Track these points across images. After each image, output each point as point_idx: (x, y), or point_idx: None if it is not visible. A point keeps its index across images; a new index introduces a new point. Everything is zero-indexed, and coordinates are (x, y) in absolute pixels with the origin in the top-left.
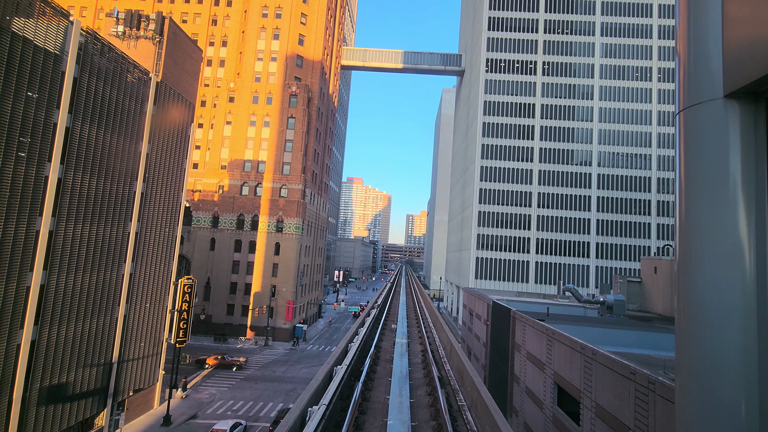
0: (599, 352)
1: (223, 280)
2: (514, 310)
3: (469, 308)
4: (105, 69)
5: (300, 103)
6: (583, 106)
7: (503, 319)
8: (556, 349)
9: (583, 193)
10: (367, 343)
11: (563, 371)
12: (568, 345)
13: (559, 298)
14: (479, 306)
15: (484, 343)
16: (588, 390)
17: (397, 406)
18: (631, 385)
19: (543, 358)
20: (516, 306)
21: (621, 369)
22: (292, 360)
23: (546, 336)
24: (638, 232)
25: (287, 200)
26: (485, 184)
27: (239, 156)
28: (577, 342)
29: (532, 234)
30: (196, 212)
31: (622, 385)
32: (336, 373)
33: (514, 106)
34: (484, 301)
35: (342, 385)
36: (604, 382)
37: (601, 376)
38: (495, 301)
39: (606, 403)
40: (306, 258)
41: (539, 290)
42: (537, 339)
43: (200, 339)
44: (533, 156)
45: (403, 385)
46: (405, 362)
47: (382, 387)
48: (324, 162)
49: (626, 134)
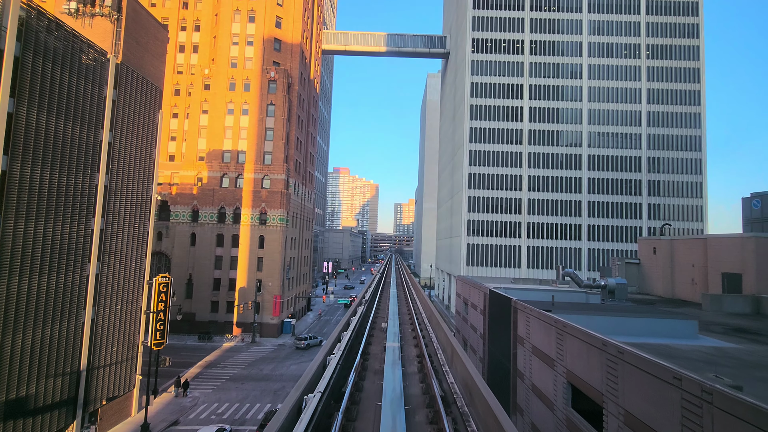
0: (627, 351)
1: (205, 276)
2: (515, 299)
3: (464, 297)
4: (54, 48)
5: (279, 89)
6: (572, 86)
7: (503, 310)
8: (569, 344)
9: (574, 174)
10: (353, 349)
11: (579, 370)
12: (584, 340)
13: (559, 283)
14: (475, 295)
15: (481, 335)
16: (613, 393)
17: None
18: (676, 394)
19: (552, 353)
20: (515, 294)
21: (660, 372)
22: (280, 356)
23: (555, 329)
24: (629, 213)
25: (270, 191)
26: (474, 169)
27: (217, 146)
28: (596, 337)
29: (523, 218)
30: (174, 207)
31: (662, 392)
32: (307, 405)
33: (502, 87)
34: (480, 290)
35: (316, 420)
36: (635, 386)
37: (632, 379)
38: (492, 289)
39: (639, 411)
40: (292, 250)
41: (532, 275)
42: (544, 332)
43: (183, 338)
44: (522, 138)
45: (397, 412)
46: (398, 375)
47: (370, 414)
48: (307, 151)
49: (616, 113)
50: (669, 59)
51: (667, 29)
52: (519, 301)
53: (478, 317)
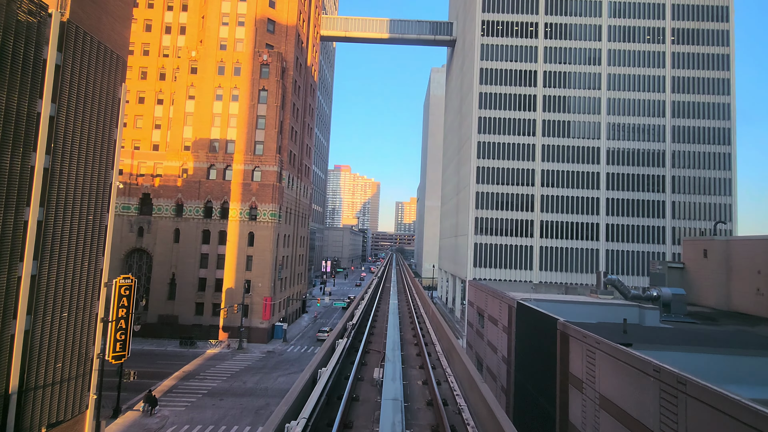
0: None
1: (189, 275)
2: (563, 321)
3: (478, 307)
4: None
5: (273, 73)
6: (590, 73)
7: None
8: (696, 415)
9: (591, 169)
10: (328, 413)
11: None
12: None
13: (600, 293)
14: (494, 306)
15: (504, 358)
16: None
17: None
18: None
19: (650, 421)
20: (552, 309)
21: None
22: (268, 366)
23: (659, 384)
24: (652, 211)
25: (261, 184)
26: (483, 162)
27: (204, 135)
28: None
29: (535, 216)
30: (156, 200)
31: None
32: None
33: (514, 74)
34: (502, 301)
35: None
36: None
37: None
38: (521, 302)
39: None
40: (285, 248)
41: (545, 278)
42: (631, 382)
43: (164, 344)
44: (535, 129)
45: None
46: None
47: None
48: (303, 142)
49: (637, 103)
50: (696, 44)
51: (694, 12)
52: (571, 325)
53: (500, 335)
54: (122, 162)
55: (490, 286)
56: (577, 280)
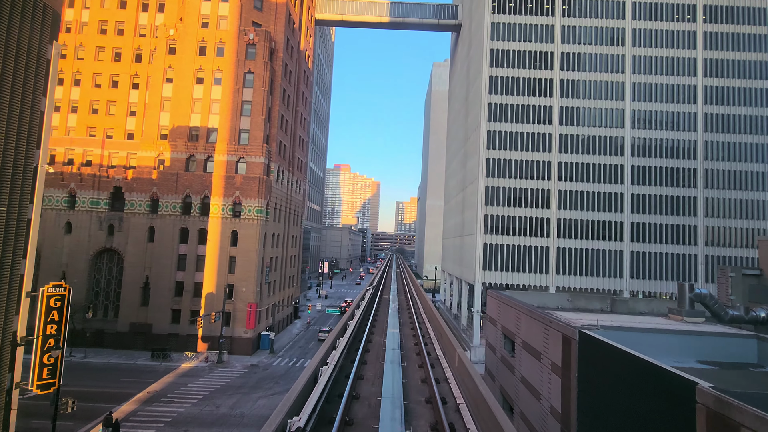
0: None
1: (165, 279)
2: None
3: (504, 327)
4: None
5: (260, 54)
6: (613, 54)
7: (649, 396)
8: None
9: (614, 161)
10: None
11: None
12: None
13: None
14: (535, 332)
15: (554, 412)
16: None
17: None
18: None
19: None
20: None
21: None
22: (248, 384)
23: None
24: (682, 209)
25: (246, 177)
26: (493, 153)
27: (183, 122)
28: None
29: (552, 213)
30: (129, 194)
31: None
32: None
33: (528, 56)
34: (550, 328)
35: None
36: None
37: None
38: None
39: None
40: (274, 249)
41: (562, 283)
42: None
43: (134, 356)
44: (552, 117)
45: None
46: None
47: None
48: (296, 133)
49: (666, 88)
50: (731, 23)
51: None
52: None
53: (546, 376)
54: (91, 152)
55: (525, 301)
56: (599, 285)
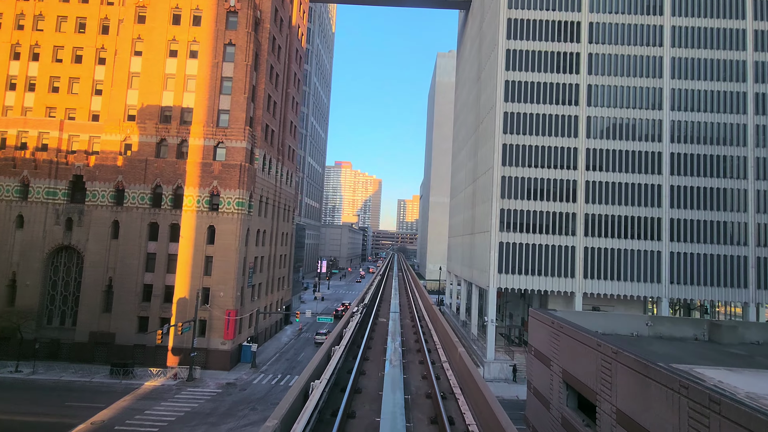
0: None
1: (131, 282)
2: None
3: (567, 372)
4: None
5: (243, 23)
6: (649, 25)
7: None
8: None
9: (651, 148)
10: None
11: None
12: None
13: None
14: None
15: None
16: None
17: None
18: None
19: None
20: None
21: None
22: (219, 410)
23: None
24: (729, 203)
25: (225, 164)
26: (511, 138)
27: (154, 101)
28: None
29: (578, 207)
30: (91, 183)
31: None
32: None
33: (551, 26)
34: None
35: None
36: None
37: None
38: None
39: None
40: (260, 247)
41: (591, 288)
42: None
43: (92, 372)
44: (579, 96)
45: None
46: None
47: None
48: (286, 117)
49: (710, 64)
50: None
51: None
52: None
53: None
54: (47, 135)
55: (578, 324)
56: (632, 292)
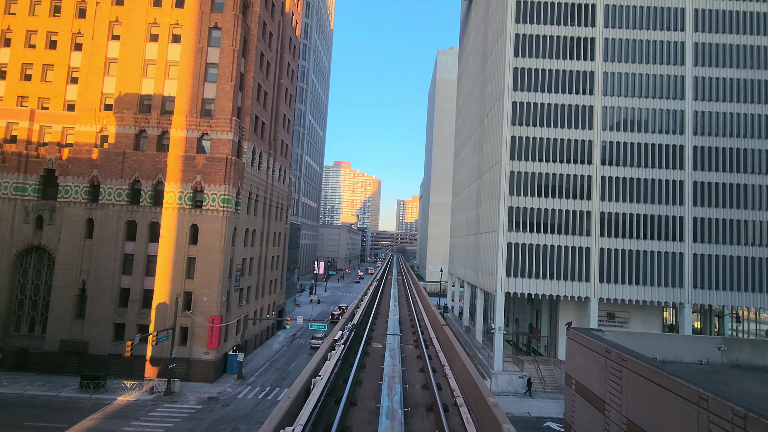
0: None
1: (107, 285)
2: None
3: (632, 422)
4: None
5: (230, 5)
6: (670, 8)
7: None
8: None
9: (672, 141)
10: None
11: None
12: None
13: None
14: None
15: None
16: None
17: None
18: None
19: None
20: None
21: None
22: (196, 430)
23: None
24: (758, 201)
25: (210, 158)
26: (520, 130)
27: (133, 89)
28: None
29: (593, 205)
30: (63, 178)
31: None
32: None
33: (563, 9)
34: None
35: None
36: None
37: None
38: None
39: None
40: (248, 248)
41: (607, 293)
42: None
43: (60, 384)
44: (594, 85)
45: None
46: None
47: None
48: (279, 109)
49: (735, 50)
50: None
51: None
52: None
53: None
54: (16, 126)
55: (633, 349)
56: (652, 297)
